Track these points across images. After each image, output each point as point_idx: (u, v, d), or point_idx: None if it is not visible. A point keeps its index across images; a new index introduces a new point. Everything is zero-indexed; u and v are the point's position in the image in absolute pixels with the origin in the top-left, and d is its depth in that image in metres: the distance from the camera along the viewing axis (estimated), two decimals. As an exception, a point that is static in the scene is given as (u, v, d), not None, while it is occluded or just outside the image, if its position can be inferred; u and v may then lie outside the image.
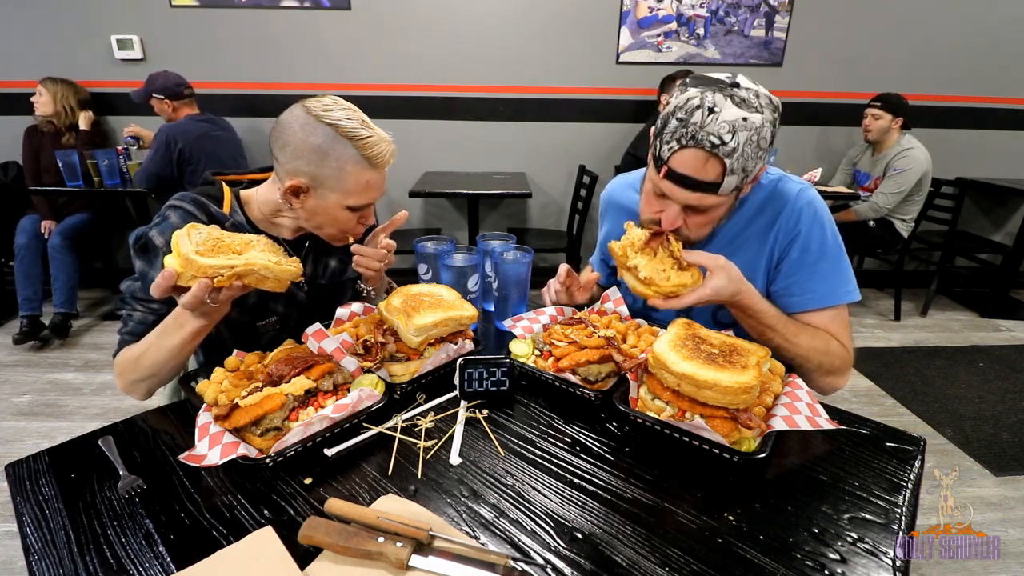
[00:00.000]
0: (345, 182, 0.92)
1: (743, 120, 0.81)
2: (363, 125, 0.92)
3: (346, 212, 0.96)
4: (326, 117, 0.89)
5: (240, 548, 0.60)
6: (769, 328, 0.95)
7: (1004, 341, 3.06)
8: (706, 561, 0.60)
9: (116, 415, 2.20)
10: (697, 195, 0.87)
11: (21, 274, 2.80)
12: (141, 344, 0.91)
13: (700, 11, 3.23)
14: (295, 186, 0.92)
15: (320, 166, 0.90)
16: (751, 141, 0.82)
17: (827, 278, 0.98)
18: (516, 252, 1.23)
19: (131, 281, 0.99)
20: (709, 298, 0.89)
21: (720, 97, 0.83)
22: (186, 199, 1.00)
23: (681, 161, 0.85)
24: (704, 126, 0.82)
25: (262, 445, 0.74)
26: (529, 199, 3.49)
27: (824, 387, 1.00)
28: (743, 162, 0.83)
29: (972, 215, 3.74)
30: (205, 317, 0.85)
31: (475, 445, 0.81)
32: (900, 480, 0.74)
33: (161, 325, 0.89)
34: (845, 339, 0.99)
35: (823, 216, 0.99)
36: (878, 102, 3.06)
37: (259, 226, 1.05)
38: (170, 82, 2.67)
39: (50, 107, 2.91)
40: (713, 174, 0.84)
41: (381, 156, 0.93)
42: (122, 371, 0.94)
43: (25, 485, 0.71)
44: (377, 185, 0.96)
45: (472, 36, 3.21)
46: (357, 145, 0.90)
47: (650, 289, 0.89)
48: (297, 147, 0.90)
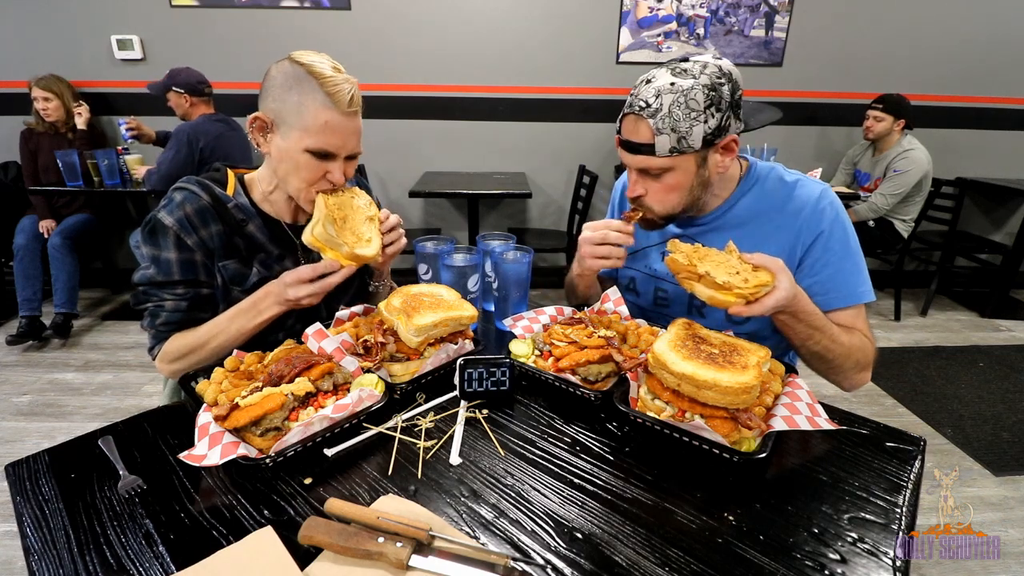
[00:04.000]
0: (304, 118, 0.92)
1: (670, 85, 0.90)
2: (333, 69, 0.93)
3: (307, 157, 0.94)
4: (300, 58, 0.93)
5: (240, 548, 0.60)
6: (818, 330, 0.93)
7: (1004, 341, 3.06)
8: (706, 561, 0.60)
9: (116, 415, 2.20)
10: (640, 158, 0.96)
11: (20, 274, 2.79)
12: (204, 330, 0.98)
13: (700, 11, 3.23)
14: (260, 119, 0.95)
15: (284, 101, 0.92)
16: (677, 103, 0.90)
17: (850, 276, 1.00)
18: (516, 252, 1.23)
19: (144, 270, 1.00)
20: (784, 301, 0.84)
21: (662, 71, 0.94)
22: (191, 181, 1.02)
23: (625, 127, 0.97)
24: (638, 94, 0.94)
25: (262, 445, 0.74)
26: (529, 199, 3.49)
27: (856, 383, 1.02)
28: (671, 123, 0.90)
29: (972, 215, 3.74)
30: (287, 304, 0.96)
31: (475, 445, 0.81)
32: (900, 480, 0.74)
33: (233, 311, 0.98)
34: (869, 334, 1.01)
35: (844, 217, 1.02)
36: (880, 104, 3.05)
37: (260, 207, 1.06)
38: (192, 78, 2.68)
39: (61, 110, 2.91)
40: (645, 136, 0.93)
41: (340, 94, 0.91)
42: (177, 357, 0.99)
43: (25, 485, 0.71)
44: (339, 128, 0.93)
45: (472, 36, 3.21)
46: (320, 82, 0.91)
47: (731, 295, 0.82)
48: (270, 84, 0.94)
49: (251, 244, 1.05)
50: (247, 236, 1.04)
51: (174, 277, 0.98)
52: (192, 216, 0.98)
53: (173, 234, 0.96)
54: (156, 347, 1.01)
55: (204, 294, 1.02)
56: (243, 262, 1.04)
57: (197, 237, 0.98)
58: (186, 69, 2.69)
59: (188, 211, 0.97)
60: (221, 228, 1.01)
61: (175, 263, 0.98)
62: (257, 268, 1.05)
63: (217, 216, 1.00)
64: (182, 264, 0.98)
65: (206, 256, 1.00)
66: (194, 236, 0.98)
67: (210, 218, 0.99)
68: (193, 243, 0.98)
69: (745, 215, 1.06)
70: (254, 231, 1.04)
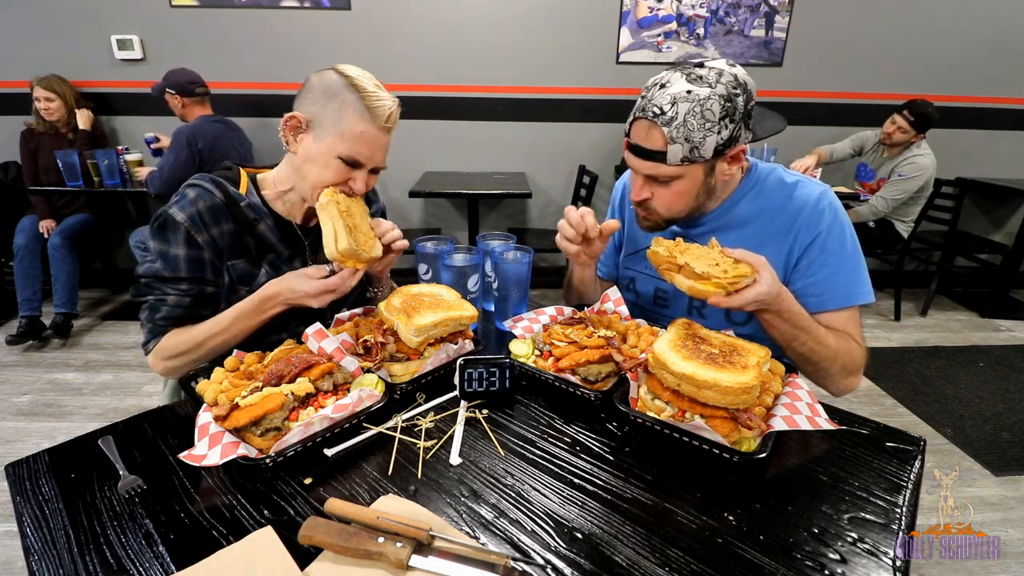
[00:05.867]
0: (342, 125, 0.93)
1: (686, 93, 0.88)
2: (375, 86, 0.96)
3: (336, 162, 0.96)
4: (345, 71, 0.95)
5: (240, 548, 0.60)
6: (803, 331, 0.92)
7: (1004, 341, 3.06)
8: (706, 561, 0.60)
9: (116, 415, 2.20)
10: (649, 164, 0.94)
11: (20, 275, 2.79)
12: (203, 328, 0.98)
13: (700, 11, 3.23)
14: (296, 119, 0.96)
15: (324, 106, 0.94)
16: (693, 112, 0.88)
17: (846, 278, 0.99)
18: (516, 252, 1.23)
19: (149, 263, 0.99)
20: (766, 295, 0.85)
21: (677, 75, 0.91)
22: (204, 178, 1.02)
23: (635, 132, 0.95)
24: (652, 98, 0.91)
25: (262, 445, 0.74)
26: (529, 199, 3.49)
27: (843, 388, 1.00)
28: (685, 132, 0.89)
29: (972, 215, 3.74)
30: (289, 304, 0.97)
31: (475, 445, 0.81)
32: (900, 480, 0.74)
33: (234, 309, 0.98)
34: (860, 339, 1.00)
35: (843, 218, 1.01)
36: (910, 115, 2.93)
37: (272, 206, 1.06)
38: (184, 79, 2.68)
39: (62, 110, 2.91)
40: (657, 143, 0.92)
41: (382, 109, 0.94)
42: (173, 354, 0.99)
43: (25, 485, 0.71)
44: (372, 141, 0.96)
45: (472, 36, 3.21)
46: (362, 95, 0.93)
47: (710, 284, 0.83)
48: (310, 89, 0.96)
49: (261, 244, 1.05)
50: (258, 236, 1.04)
51: (180, 273, 0.98)
52: (204, 213, 0.98)
53: (184, 230, 0.96)
54: (152, 342, 1.01)
55: (208, 292, 1.02)
56: (252, 262, 1.05)
57: (208, 235, 0.98)
58: (180, 70, 2.69)
59: (200, 208, 0.98)
60: (232, 227, 1.01)
61: (183, 259, 0.98)
62: (266, 268, 1.05)
63: (229, 215, 1.00)
64: (190, 261, 0.98)
65: (215, 254, 1.00)
66: (205, 234, 0.98)
67: (222, 216, 1.00)
68: (203, 241, 0.98)
69: (745, 216, 1.05)
70: (265, 231, 1.04)
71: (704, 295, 0.84)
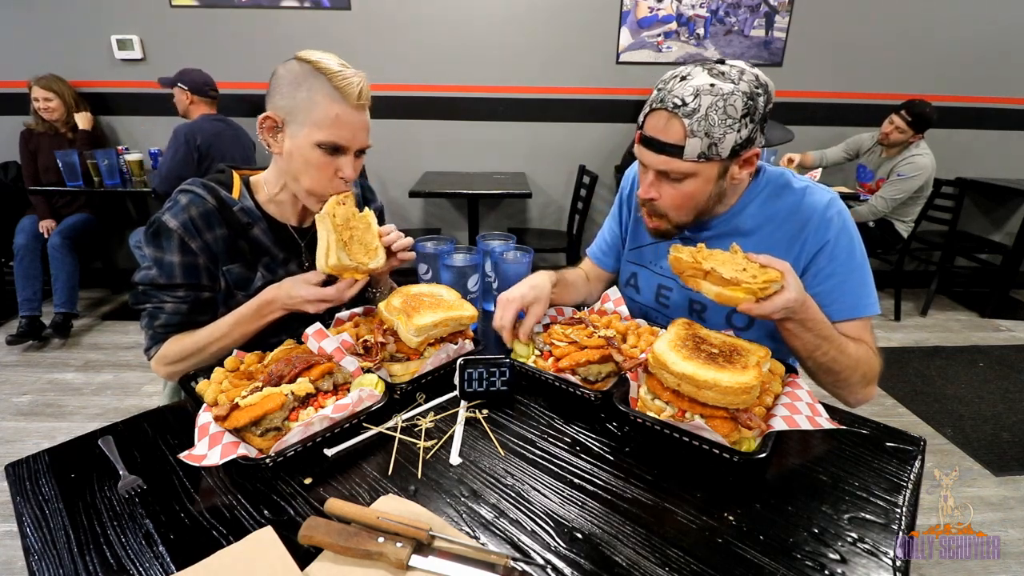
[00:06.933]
0: (314, 112, 0.92)
1: (709, 86, 0.85)
2: (340, 65, 0.94)
3: (318, 153, 0.94)
4: (307, 56, 0.93)
5: (240, 548, 0.60)
6: (826, 340, 0.89)
7: (1004, 341, 3.06)
8: (706, 561, 0.60)
9: (116, 415, 2.20)
10: (664, 158, 0.90)
11: (20, 274, 2.79)
12: (203, 333, 0.98)
13: (700, 11, 3.23)
14: (271, 119, 0.95)
15: (293, 97, 0.92)
16: (716, 106, 0.85)
17: (856, 288, 0.96)
18: (516, 252, 1.23)
19: (145, 270, 0.99)
20: (794, 302, 0.81)
21: (698, 69, 0.88)
22: (196, 184, 1.01)
23: (651, 124, 0.91)
24: (672, 90, 0.88)
25: (262, 445, 0.74)
26: (529, 199, 3.49)
27: (861, 398, 0.97)
28: (706, 126, 0.85)
29: (972, 215, 3.74)
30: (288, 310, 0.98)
31: (475, 445, 0.81)
32: (900, 480, 0.74)
33: (234, 315, 0.98)
34: (874, 348, 0.97)
35: (852, 227, 0.98)
36: (908, 115, 2.92)
37: (265, 209, 1.06)
38: (200, 79, 2.69)
39: (61, 110, 2.91)
40: (676, 135, 0.87)
41: (351, 87, 0.92)
42: (175, 360, 0.99)
43: (25, 485, 0.71)
44: (348, 122, 0.94)
45: (472, 36, 3.21)
46: (328, 77, 0.91)
47: (740, 290, 0.79)
48: (278, 83, 0.94)
49: (256, 248, 1.04)
50: (252, 240, 1.03)
51: (176, 280, 0.98)
52: (197, 219, 0.97)
53: (177, 237, 0.96)
54: (153, 348, 1.01)
55: (205, 298, 1.02)
56: (247, 266, 1.04)
57: (201, 241, 0.98)
58: (197, 71, 2.71)
59: (193, 214, 0.97)
60: (225, 232, 1.00)
61: (178, 266, 0.97)
62: (262, 272, 1.05)
63: (222, 220, 1.00)
64: (185, 267, 0.98)
65: (209, 260, 1.00)
66: (198, 240, 0.97)
67: (215, 222, 0.99)
68: (197, 247, 0.97)
69: (753, 222, 1.03)
70: (259, 235, 1.04)
71: (734, 302, 0.80)
